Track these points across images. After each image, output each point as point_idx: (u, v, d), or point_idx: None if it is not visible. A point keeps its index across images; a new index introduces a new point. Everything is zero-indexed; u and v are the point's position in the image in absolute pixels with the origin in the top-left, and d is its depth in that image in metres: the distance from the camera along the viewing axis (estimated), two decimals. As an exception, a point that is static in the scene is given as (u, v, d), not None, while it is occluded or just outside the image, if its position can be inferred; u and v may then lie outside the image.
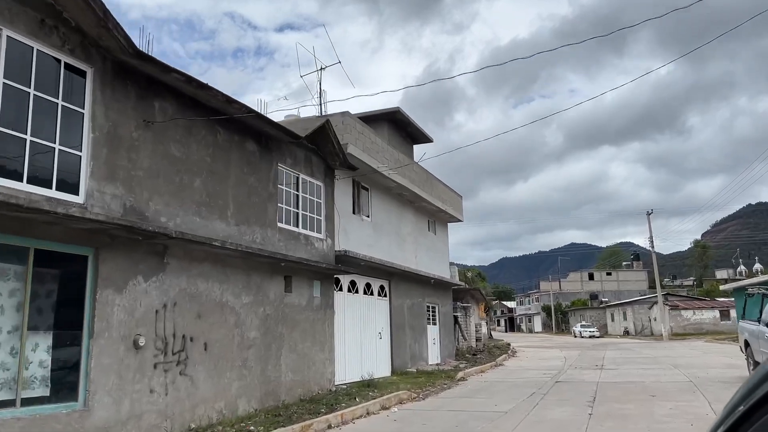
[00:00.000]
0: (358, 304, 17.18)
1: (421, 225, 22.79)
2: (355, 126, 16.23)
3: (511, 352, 31.23)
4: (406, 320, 20.19)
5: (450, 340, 24.66)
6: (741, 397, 1.08)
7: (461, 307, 28.08)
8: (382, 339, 18.35)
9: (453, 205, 24.76)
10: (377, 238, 18.60)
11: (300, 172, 14.08)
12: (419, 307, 21.50)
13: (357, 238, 17.15)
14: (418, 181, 20.86)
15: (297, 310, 13.41)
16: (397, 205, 20.51)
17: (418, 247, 22.15)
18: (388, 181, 18.74)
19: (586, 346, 38.93)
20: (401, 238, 20.63)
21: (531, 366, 22.97)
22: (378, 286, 18.57)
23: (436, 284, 23.08)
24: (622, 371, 19.59)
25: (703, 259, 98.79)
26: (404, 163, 19.74)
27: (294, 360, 13.09)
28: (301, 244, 13.80)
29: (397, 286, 19.75)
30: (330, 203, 15.25)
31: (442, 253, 24.83)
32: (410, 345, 20.28)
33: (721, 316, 51.00)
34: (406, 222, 21.25)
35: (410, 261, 21.07)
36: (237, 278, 11.53)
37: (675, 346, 34.18)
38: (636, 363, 22.95)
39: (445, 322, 24.21)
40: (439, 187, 23.28)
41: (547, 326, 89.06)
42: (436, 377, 17.67)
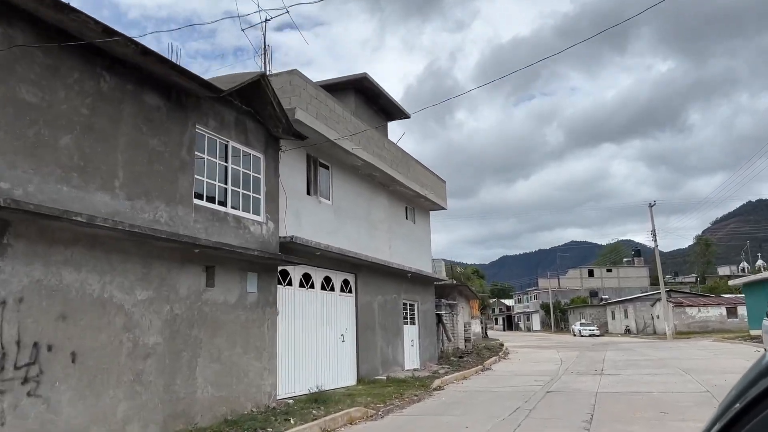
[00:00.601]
0: (314, 301, 14.56)
1: (398, 212, 20.17)
2: (306, 88, 13.59)
3: (503, 353, 28.63)
4: (376, 320, 17.57)
5: (432, 341, 22.05)
6: (737, 395, 1.05)
7: (447, 305, 25.48)
8: (345, 342, 15.73)
9: (435, 191, 22.13)
10: (340, 224, 15.97)
11: (229, 138, 11.44)
12: (393, 304, 18.88)
13: (312, 224, 14.53)
14: (391, 160, 18.23)
15: (223, 308, 10.78)
16: (367, 188, 17.88)
17: (393, 236, 19.53)
18: (354, 158, 16.12)
19: (585, 346, 36.33)
20: (372, 226, 18.00)
21: (522, 370, 20.35)
22: (341, 281, 15.95)
23: (414, 279, 20.46)
24: (624, 377, 16.97)
25: (705, 254, 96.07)
26: (375, 139, 17.10)
27: (217, 371, 10.46)
28: (230, 228, 11.17)
29: (366, 281, 17.13)
30: (273, 180, 12.62)
31: (422, 244, 22.20)
32: (381, 348, 17.67)
33: (728, 314, 48.36)
34: (379, 207, 18.62)
35: (383, 252, 18.45)
36: (128, 268, 8.90)
37: (681, 346, 31.55)
38: (640, 367, 20.34)
39: (425, 321, 21.60)
40: (418, 170, 20.65)
41: (546, 325, 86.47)
42: (408, 386, 15.07)
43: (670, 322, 45.42)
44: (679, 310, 48.90)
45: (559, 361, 24.01)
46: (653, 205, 46.55)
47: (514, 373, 19.63)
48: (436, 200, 22.08)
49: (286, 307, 13.32)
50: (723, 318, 48.29)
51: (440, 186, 22.99)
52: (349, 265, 16.15)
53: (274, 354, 12.10)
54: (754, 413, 0.99)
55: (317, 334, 14.47)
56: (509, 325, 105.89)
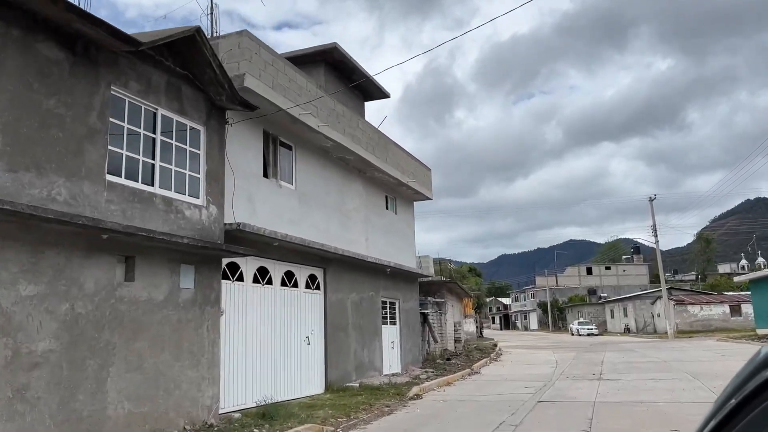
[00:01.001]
0: (272, 299, 12.77)
1: (376, 201, 18.38)
2: (260, 53, 11.79)
3: (495, 354, 26.87)
4: (349, 319, 15.79)
5: (415, 342, 20.27)
6: (733, 390, 1.03)
7: (434, 303, 23.70)
8: (310, 345, 13.95)
9: (418, 179, 20.35)
10: (305, 212, 14.19)
11: (158, 105, 9.64)
12: (370, 302, 17.10)
13: (270, 211, 12.74)
14: (367, 143, 16.45)
15: (146, 307, 8.99)
16: (339, 173, 16.10)
17: (371, 227, 17.75)
18: (321, 138, 14.34)
19: (583, 346, 34.59)
20: (345, 216, 16.22)
21: (513, 374, 18.58)
22: (306, 276, 14.16)
23: (395, 275, 18.68)
24: (625, 383, 15.21)
25: (706, 252, 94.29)
26: (347, 117, 15.30)
27: (137, 382, 8.67)
28: (158, 211, 9.38)
29: (337, 276, 15.35)
30: (217, 157, 10.83)
31: (405, 237, 20.42)
32: (355, 351, 15.88)
33: (731, 312, 46.65)
34: (353, 195, 16.83)
35: (358, 244, 16.67)
36: (8, 257, 7.12)
37: (685, 347, 29.80)
38: (642, 370, 18.58)
39: (408, 321, 19.82)
40: (399, 155, 18.86)
41: (544, 324, 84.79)
42: (381, 395, 13.30)
43: (671, 320, 43.69)
44: (680, 309, 47.18)
45: (555, 364, 22.25)
46: (653, 200, 44.82)
47: (504, 377, 17.85)
48: (419, 189, 20.29)
49: (236, 306, 11.54)
50: (726, 316, 46.58)
51: (425, 174, 21.21)
52: (317, 259, 14.37)
53: (217, 361, 10.31)
54: (750, 408, 0.97)
55: (276, 336, 12.69)
56: (506, 325, 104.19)
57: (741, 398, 1.01)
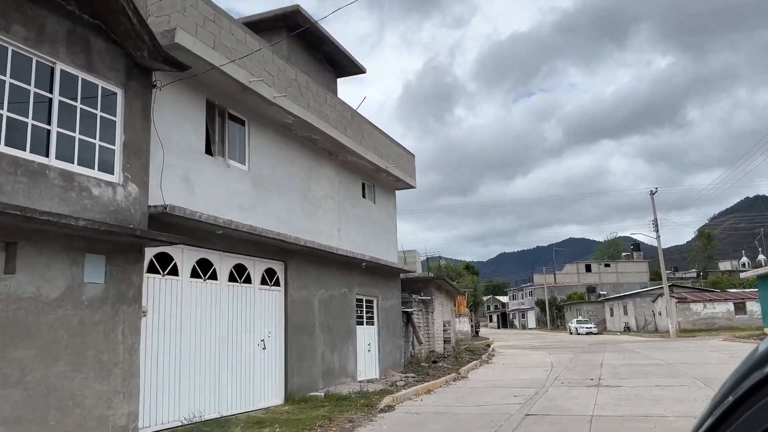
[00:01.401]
0: (217, 297, 10.99)
1: (351, 188, 16.59)
2: (197, 5, 9.98)
3: (487, 356, 25.11)
4: (316, 320, 14.01)
5: (396, 344, 18.50)
6: (729, 388, 1.00)
7: (419, 301, 21.93)
8: (266, 350, 12.16)
9: (399, 165, 18.57)
10: (261, 197, 12.41)
11: (56, 58, 7.85)
12: (342, 300, 15.32)
13: (214, 194, 10.96)
14: (337, 121, 14.66)
15: (33, 306, 7.21)
16: (305, 155, 14.32)
17: (344, 217, 15.97)
18: (280, 112, 12.56)
19: (581, 347, 32.84)
20: (312, 203, 14.43)
21: (502, 380, 16.82)
22: (262, 271, 12.38)
23: (372, 270, 16.91)
24: (627, 391, 13.45)
25: (707, 248, 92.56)
26: (312, 91, 13.51)
27: (15, 401, 6.90)
28: (52, 188, 7.59)
29: (302, 271, 13.57)
30: (140, 126, 9.03)
31: (385, 229, 18.63)
32: (323, 356, 14.10)
33: (736, 310, 44.90)
34: (322, 180, 15.04)
35: (328, 236, 14.89)
36: None
37: (689, 347, 28.04)
38: (646, 374, 16.83)
39: (388, 320, 18.05)
40: (376, 137, 17.06)
41: (542, 322, 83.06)
42: (348, 406, 11.55)
43: (673, 319, 41.96)
44: (682, 306, 45.43)
45: (550, 366, 20.49)
46: (654, 193, 43.09)
47: (492, 383, 16.08)
48: (401, 176, 18.50)
49: (167, 305, 9.75)
50: (730, 314, 44.84)
51: (407, 160, 19.41)
52: (276, 251, 12.60)
53: (135, 371, 8.53)
54: (746, 406, 0.96)
55: (222, 340, 10.91)
56: (504, 323, 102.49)
57: (738, 396, 0.97)
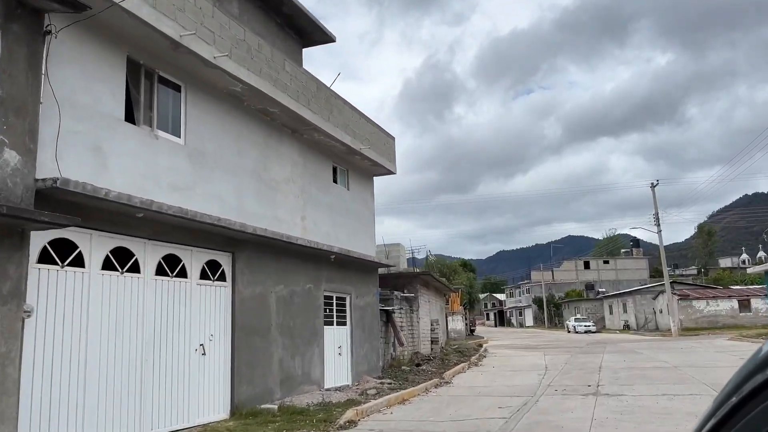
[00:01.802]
0: (140, 293, 9.17)
1: (319, 171, 14.75)
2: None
3: (478, 357, 23.31)
4: (273, 320, 12.20)
5: (373, 346, 16.68)
6: (733, 389, 1.00)
7: (402, 299, 20.11)
8: (207, 355, 10.35)
9: (377, 147, 16.74)
10: (202, 176, 10.58)
11: None
12: (307, 298, 13.50)
13: (138, 170, 9.13)
14: (299, 93, 12.83)
15: None
16: (261, 131, 12.49)
17: (310, 204, 14.14)
18: (227, 78, 10.73)
19: (578, 346, 31.07)
20: (269, 186, 12.60)
21: (490, 386, 15.02)
22: (202, 263, 10.56)
23: (344, 264, 15.10)
24: (631, 402, 11.65)
25: (708, 245, 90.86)
26: (266, 56, 11.67)
27: None
28: None
29: (254, 264, 11.76)
30: (25, 79, 7.19)
31: (361, 219, 16.80)
32: (281, 361, 12.30)
33: (740, 307, 43.15)
34: (283, 161, 13.22)
35: (289, 224, 13.08)
36: None
37: (694, 347, 26.26)
38: (650, 379, 15.05)
39: (363, 320, 16.23)
40: (348, 114, 15.23)
41: (539, 320, 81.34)
42: (303, 422, 9.78)
43: (675, 316, 40.21)
44: (684, 304, 43.67)
45: (544, 370, 18.70)
46: (656, 185, 41.30)
47: (477, 391, 14.28)
48: (378, 159, 16.67)
49: (68, 304, 7.93)
50: (734, 312, 43.09)
51: (385, 142, 17.57)
52: (220, 240, 10.78)
53: (9, 387, 6.71)
54: (750, 407, 0.95)
55: (146, 344, 9.10)
56: (501, 321, 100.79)
57: (741, 397, 0.97)
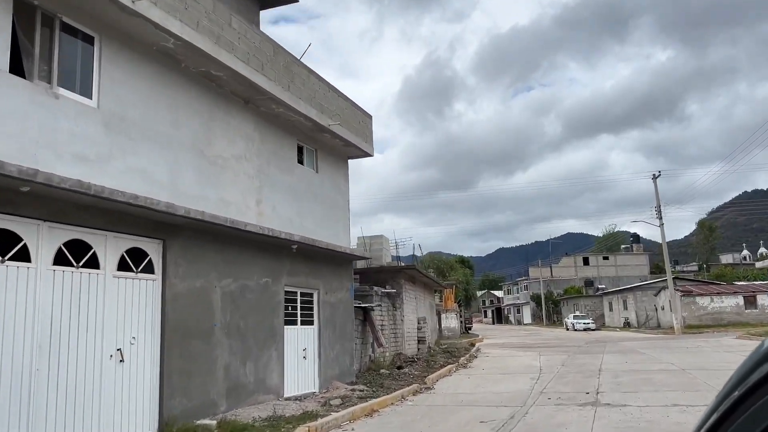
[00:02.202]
0: (32, 287, 7.41)
1: (280, 149, 12.96)
2: None
3: (468, 358, 21.57)
4: (217, 319, 10.43)
5: (346, 348, 14.92)
6: (736, 382, 1.00)
7: (383, 295, 18.34)
8: (125, 362, 8.59)
9: (350, 125, 14.97)
10: (122, 147, 8.81)
11: None
12: (262, 294, 11.74)
13: (28, 135, 7.36)
14: (250, 55, 11.05)
15: None
16: (204, 98, 10.72)
17: (268, 186, 12.36)
18: (154, 30, 8.95)
19: (577, 345, 29.36)
20: (213, 164, 10.83)
21: (475, 394, 13.28)
22: (122, 251, 8.79)
23: (311, 255, 13.35)
24: (636, 414, 9.92)
25: (709, 240, 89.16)
26: (207, 9, 9.88)
27: None
28: None
29: (193, 253, 9.99)
30: None
31: (332, 205, 15.01)
32: (228, 367, 10.54)
33: (745, 304, 41.43)
34: (232, 136, 11.43)
35: (240, 208, 11.31)
36: None
37: (701, 346, 24.52)
38: (656, 385, 13.32)
39: (334, 319, 14.47)
40: (313, 85, 13.44)
41: (538, 317, 79.65)
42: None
43: (678, 313, 38.47)
44: (688, 300, 41.96)
45: (538, 373, 16.97)
46: (657, 177, 39.53)
47: (460, 399, 12.52)
48: (351, 138, 14.88)
49: None
50: (740, 309, 41.37)
51: (361, 120, 15.78)
52: (148, 225, 9.02)
53: None
54: (752, 400, 0.94)
55: (41, 351, 7.33)
56: (499, 319, 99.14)
57: (744, 390, 0.96)
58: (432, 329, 28.10)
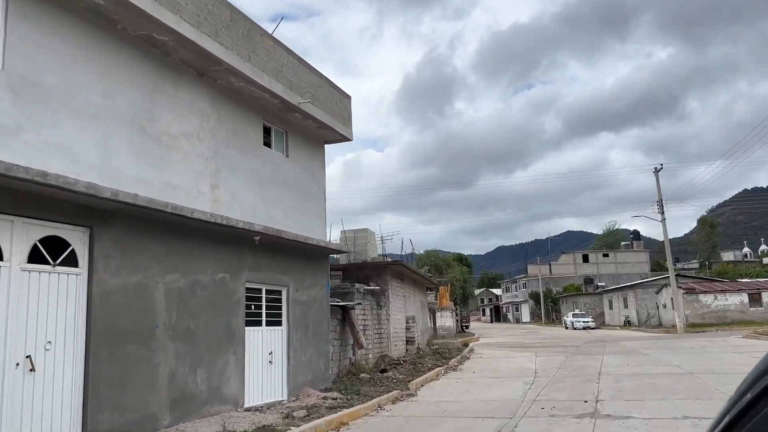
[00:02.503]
0: None
1: (241, 129, 11.59)
2: None
3: (460, 360, 20.24)
4: (161, 320, 9.08)
5: (321, 351, 13.58)
6: (749, 385, 0.98)
7: (365, 293, 16.98)
8: (36, 372, 7.25)
9: (325, 105, 13.61)
10: (34, 118, 7.47)
11: None
12: (218, 291, 10.39)
13: None
14: (200, 18, 9.70)
15: None
16: (145, 67, 9.37)
17: (227, 170, 11.00)
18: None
19: (576, 345, 28.05)
20: (156, 142, 9.47)
21: (461, 400, 11.93)
22: (35, 240, 7.45)
23: (278, 248, 12.01)
24: (641, 428, 8.59)
25: (711, 237, 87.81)
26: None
27: None
28: None
29: (129, 244, 8.65)
30: None
31: (306, 194, 13.66)
32: (174, 375, 9.20)
33: (750, 302, 40.09)
34: (182, 110, 10.07)
35: (191, 193, 9.97)
36: None
37: (707, 346, 23.18)
38: (662, 392, 12.00)
39: (306, 319, 13.12)
40: (279, 57, 12.07)
41: (536, 316, 78.35)
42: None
43: (680, 311, 37.15)
44: (690, 298, 40.61)
45: (532, 376, 15.64)
46: (660, 170, 38.19)
47: (443, 408, 11.18)
48: (326, 120, 13.52)
49: None
50: (744, 307, 40.03)
51: (338, 101, 14.42)
52: (69, 209, 7.68)
53: None
54: (765, 402, 0.93)
55: None
56: (497, 317, 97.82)
57: (757, 392, 0.95)
58: (423, 329, 26.76)
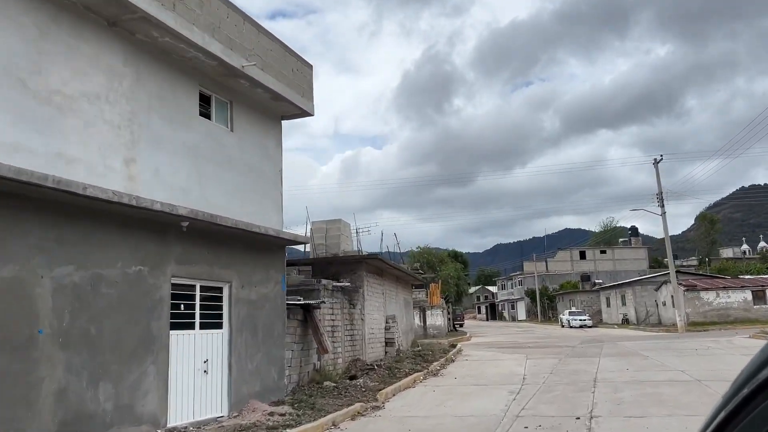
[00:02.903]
0: None
1: (168, 94, 9.74)
2: None
3: (443, 363, 18.46)
4: (45, 324, 7.26)
5: (273, 357, 11.75)
6: (745, 380, 0.96)
7: (334, 290, 15.16)
8: None
9: (278, 73, 11.76)
10: None
11: None
12: (131, 287, 8.56)
13: None
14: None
15: None
16: (35, 11, 7.53)
17: (147, 141, 9.17)
18: None
19: (571, 345, 26.29)
20: (45, 103, 7.64)
21: (432, 416, 10.12)
22: None
23: (216, 238, 10.18)
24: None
25: (710, 233, 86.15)
26: None
27: None
28: None
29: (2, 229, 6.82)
30: None
31: (256, 174, 11.82)
32: (65, 392, 7.38)
33: (754, 299, 38.38)
34: (84, 67, 8.23)
35: (96, 168, 8.15)
36: None
37: (711, 347, 21.41)
38: (668, 405, 10.22)
39: (255, 320, 11.29)
40: (218, 11, 10.20)
41: (533, 313, 76.65)
42: None
43: (681, 309, 35.43)
44: (691, 295, 38.90)
45: (519, 383, 13.85)
46: (659, 161, 36.45)
47: (409, 426, 9.36)
48: (280, 90, 11.67)
49: None
50: (747, 304, 38.33)
51: (296, 68, 12.56)
52: None
53: None
54: (762, 398, 0.92)
55: None
56: (493, 315, 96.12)
57: (754, 387, 0.93)
58: (407, 329, 24.96)
